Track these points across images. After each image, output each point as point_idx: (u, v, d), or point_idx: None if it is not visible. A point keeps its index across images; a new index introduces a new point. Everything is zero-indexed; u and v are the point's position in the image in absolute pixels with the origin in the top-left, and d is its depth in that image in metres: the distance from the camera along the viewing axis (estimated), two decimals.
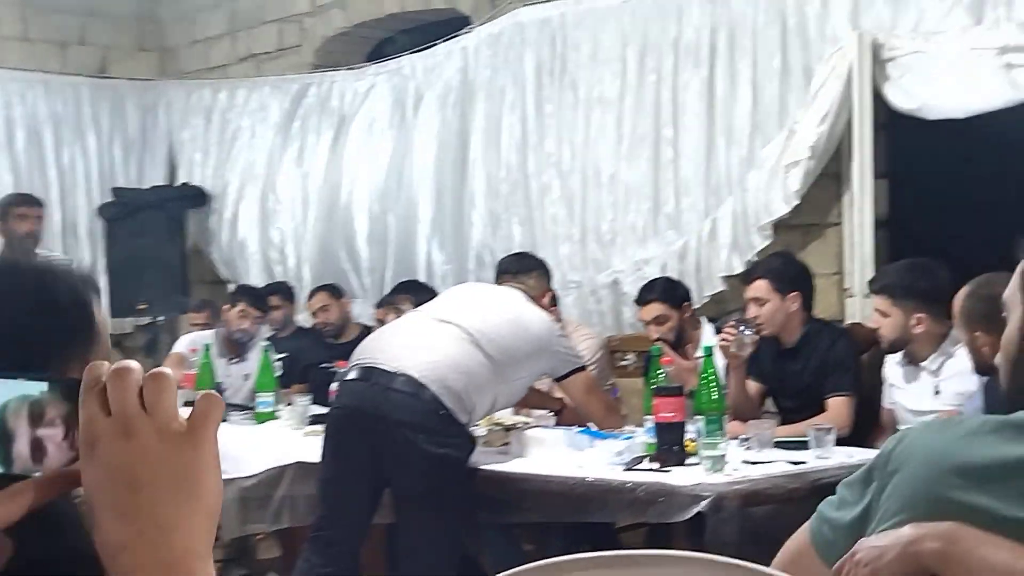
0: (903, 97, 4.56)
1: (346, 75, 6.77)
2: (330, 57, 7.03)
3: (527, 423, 4.09)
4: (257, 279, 6.69)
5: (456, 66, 6.18)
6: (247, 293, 5.68)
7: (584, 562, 1.60)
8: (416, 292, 5.04)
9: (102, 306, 1.09)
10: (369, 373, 3.40)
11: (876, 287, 3.81)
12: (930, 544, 1.27)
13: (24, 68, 7.16)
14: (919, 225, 5.00)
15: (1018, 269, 1.41)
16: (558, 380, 3.75)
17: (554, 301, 4.12)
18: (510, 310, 3.61)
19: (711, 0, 5.13)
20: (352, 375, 3.48)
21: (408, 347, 3.42)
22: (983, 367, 3.16)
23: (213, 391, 0.83)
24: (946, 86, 4.43)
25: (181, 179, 7.24)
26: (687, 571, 1.50)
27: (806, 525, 1.58)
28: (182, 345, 5.47)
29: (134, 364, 0.79)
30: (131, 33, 7.75)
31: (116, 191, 7.12)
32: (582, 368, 3.74)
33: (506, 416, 4.15)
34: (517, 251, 4.64)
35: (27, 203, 5.66)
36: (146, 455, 0.77)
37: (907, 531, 1.30)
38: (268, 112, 7.01)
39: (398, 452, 3.30)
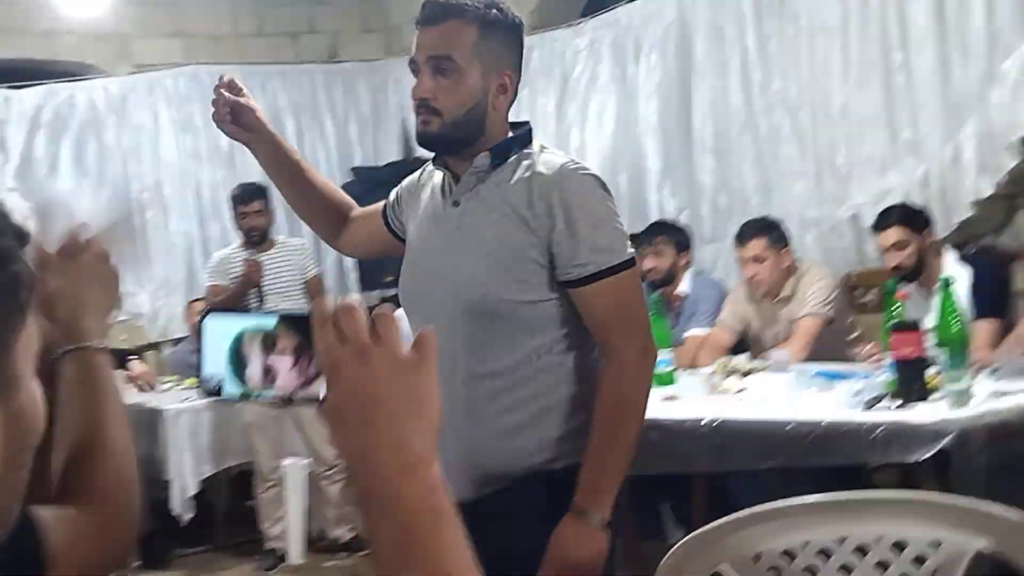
0: None
1: (565, 33, 6.77)
2: (546, 17, 7.04)
3: (764, 366, 4.03)
4: None
5: (673, 10, 6.07)
6: None
7: (814, 507, 1.56)
8: (671, 232, 5.06)
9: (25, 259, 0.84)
10: None
11: None
12: None
13: (262, 62, 7.52)
14: None
15: None
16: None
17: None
18: None
19: None
20: None
21: None
22: None
23: (431, 331, 0.94)
24: None
25: (416, 153, 7.45)
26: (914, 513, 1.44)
27: None
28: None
29: (357, 301, 0.91)
30: (356, 17, 8.01)
31: (355, 171, 7.39)
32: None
33: (742, 361, 4.08)
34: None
35: (244, 200, 5.61)
36: (381, 378, 0.89)
37: None
38: None
39: None
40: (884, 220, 4.21)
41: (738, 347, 4.57)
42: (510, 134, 2.20)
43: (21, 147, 6.92)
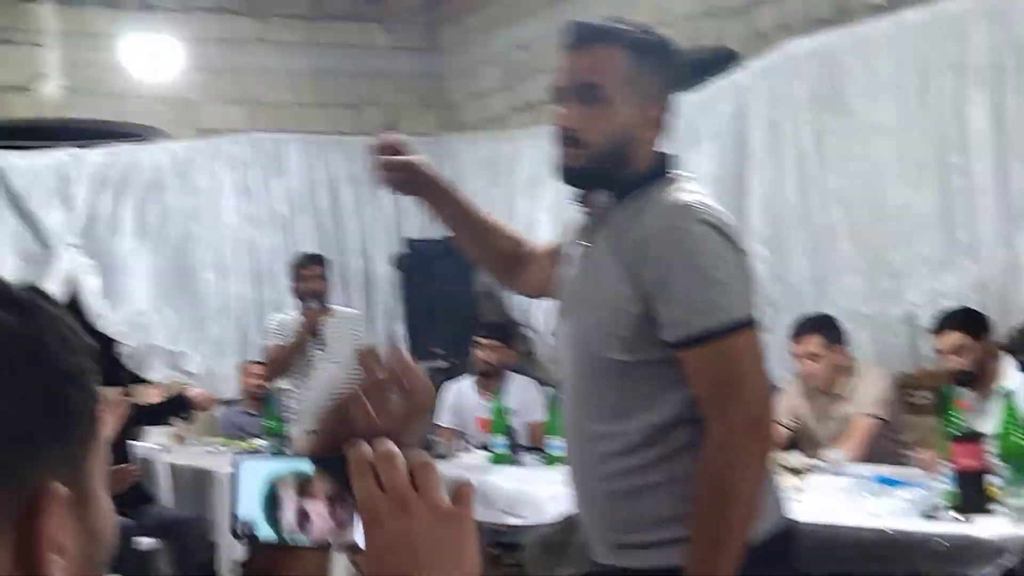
0: None
1: None
2: None
3: (819, 466, 4.05)
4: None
5: (730, 102, 6.17)
6: (490, 327, 5.91)
7: None
8: None
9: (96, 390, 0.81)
10: None
11: None
12: None
13: (322, 131, 7.69)
14: None
15: None
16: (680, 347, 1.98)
17: None
18: None
19: (993, 19, 4.91)
20: None
21: None
22: None
23: (470, 482, 0.94)
24: None
25: None
26: None
27: None
28: (449, 396, 5.75)
29: (397, 450, 0.90)
30: (415, 92, 8.19)
31: (409, 242, 7.51)
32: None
33: (797, 459, 4.10)
34: None
35: (306, 264, 5.88)
36: (422, 530, 0.88)
37: None
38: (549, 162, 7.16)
39: None
40: (944, 323, 4.23)
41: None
42: None
43: (86, 205, 7.09)
